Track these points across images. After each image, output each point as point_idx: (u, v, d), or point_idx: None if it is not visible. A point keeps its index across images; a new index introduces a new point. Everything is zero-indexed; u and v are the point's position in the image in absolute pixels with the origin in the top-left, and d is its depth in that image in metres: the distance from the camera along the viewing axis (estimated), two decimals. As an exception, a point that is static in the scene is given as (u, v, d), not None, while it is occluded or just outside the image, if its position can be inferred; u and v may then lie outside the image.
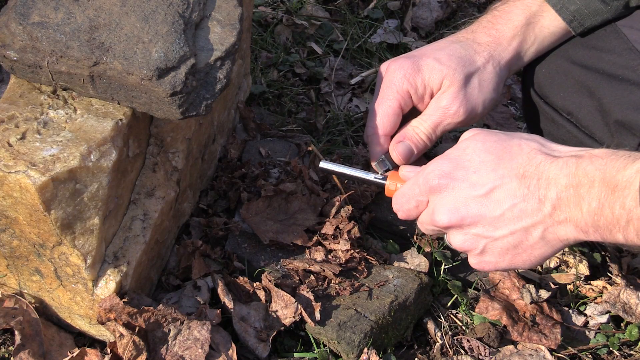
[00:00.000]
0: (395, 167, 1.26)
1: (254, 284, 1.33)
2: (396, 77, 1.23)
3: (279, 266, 1.39)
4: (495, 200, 1.01)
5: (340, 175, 1.35)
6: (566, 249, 1.54)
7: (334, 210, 1.46)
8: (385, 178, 1.23)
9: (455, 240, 1.07)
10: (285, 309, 1.29)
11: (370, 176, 1.25)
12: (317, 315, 1.28)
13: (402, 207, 1.14)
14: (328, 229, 1.43)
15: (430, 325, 1.40)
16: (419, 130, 1.25)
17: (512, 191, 1.00)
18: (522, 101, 1.41)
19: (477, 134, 1.08)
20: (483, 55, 1.25)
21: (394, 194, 1.17)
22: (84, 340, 1.28)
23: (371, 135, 1.27)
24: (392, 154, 1.26)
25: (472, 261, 1.09)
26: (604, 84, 1.23)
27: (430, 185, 1.07)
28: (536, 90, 1.33)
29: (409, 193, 1.12)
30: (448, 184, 1.05)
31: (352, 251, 1.40)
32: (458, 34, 1.30)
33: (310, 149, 1.56)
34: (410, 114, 1.28)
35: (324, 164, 1.28)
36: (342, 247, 1.41)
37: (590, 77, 1.25)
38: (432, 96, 1.26)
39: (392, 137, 1.27)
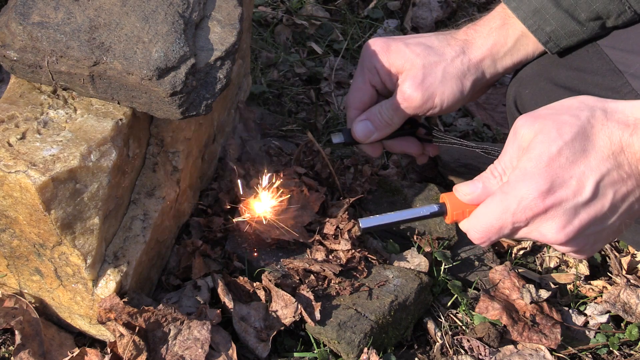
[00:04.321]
0: (351, 142, 1.34)
1: (254, 284, 1.33)
2: (367, 54, 1.33)
3: (279, 266, 1.39)
4: (601, 196, 1.01)
5: (390, 226, 1.13)
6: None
7: (334, 210, 1.46)
8: (440, 207, 1.08)
9: (569, 247, 1.06)
10: (285, 308, 1.29)
11: (422, 212, 1.09)
12: (317, 315, 1.28)
13: (489, 237, 1.05)
14: (328, 228, 1.43)
15: (430, 325, 1.40)
16: (382, 110, 1.33)
17: (611, 180, 1.00)
18: (509, 122, 1.40)
19: (538, 133, 1.02)
20: (455, 49, 1.30)
21: (466, 222, 1.06)
22: (84, 340, 1.28)
23: (346, 107, 1.41)
24: (352, 129, 1.35)
25: (576, 255, 1.09)
26: None
27: (534, 212, 1.00)
28: (520, 112, 1.33)
29: (499, 223, 1.02)
30: (554, 203, 1.00)
31: (353, 251, 1.40)
32: (443, 31, 1.35)
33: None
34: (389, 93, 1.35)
35: (365, 224, 1.08)
36: (342, 247, 1.40)
37: None
38: (397, 78, 1.31)
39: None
